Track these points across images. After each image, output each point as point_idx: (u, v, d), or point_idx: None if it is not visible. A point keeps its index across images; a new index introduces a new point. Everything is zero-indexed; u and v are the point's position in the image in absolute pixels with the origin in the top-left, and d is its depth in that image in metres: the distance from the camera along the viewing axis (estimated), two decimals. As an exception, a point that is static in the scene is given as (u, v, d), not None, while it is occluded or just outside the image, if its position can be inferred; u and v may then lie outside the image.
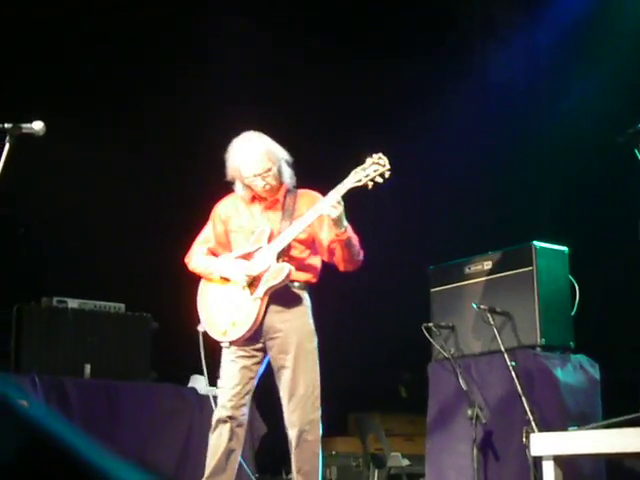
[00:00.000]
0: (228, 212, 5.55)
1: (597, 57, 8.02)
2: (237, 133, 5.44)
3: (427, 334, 6.05)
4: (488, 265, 6.09)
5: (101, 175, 7.70)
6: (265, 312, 5.28)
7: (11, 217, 6.82)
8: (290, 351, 5.28)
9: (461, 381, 5.72)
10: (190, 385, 6.91)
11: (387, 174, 5.27)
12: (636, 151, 4.58)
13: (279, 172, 5.39)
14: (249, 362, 5.34)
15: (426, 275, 6.48)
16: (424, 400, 6.26)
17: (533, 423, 5.08)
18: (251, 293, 5.29)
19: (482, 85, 9.08)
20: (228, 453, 5.28)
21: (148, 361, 6.67)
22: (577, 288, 5.88)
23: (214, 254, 5.55)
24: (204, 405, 6.40)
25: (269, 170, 5.33)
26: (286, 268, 5.26)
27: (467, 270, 6.20)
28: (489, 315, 5.71)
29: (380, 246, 8.96)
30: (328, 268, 7.99)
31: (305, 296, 5.41)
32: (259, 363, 5.37)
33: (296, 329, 5.30)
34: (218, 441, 5.29)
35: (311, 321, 5.40)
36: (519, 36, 9.19)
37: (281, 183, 5.43)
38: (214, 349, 5.47)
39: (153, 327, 6.91)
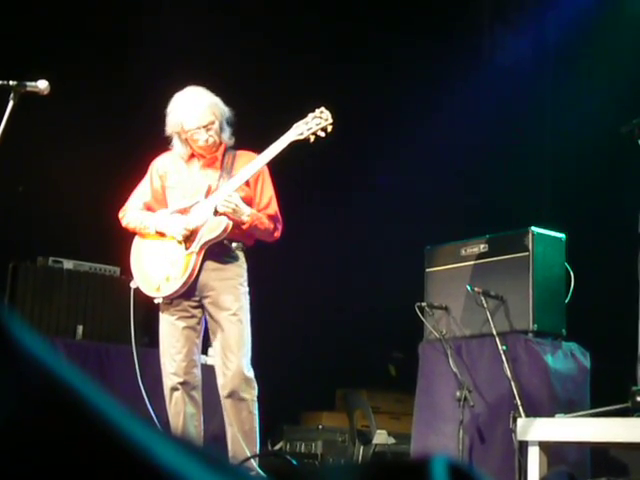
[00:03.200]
0: (166, 167, 5.47)
1: (605, 47, 8.00)
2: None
3: (420, 314, 6.06)
4: (485, 248, 6.09)
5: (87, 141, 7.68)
6: (200, 268, 5.23)
7: (11, 175, 6.80)
8: (224, 309, 5.22)
9: (451, 362, 5.73)
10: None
11: (329, 128, 5.26)
12: (639, 142, 4.58)
13: (220, 128, 5.35)
14: (191, 322, 5.29)
15: (422, 255, 6.48)
16: (413, 379, 6.27)
17: (520, 408, 5.09)
18: (186, 248, 5.23)
19: (487, 68, 9.06)
20: (189, 418, 5.25)
21: (140, 326, 6.67)
22: (572, 276, 5.89)
23: (150, 210, 5.47)
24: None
25: (212, 123, 5.29)
26: (224, 222, 5.19)
27: (463, 252, 6.20)
28: (483, 298, 5.71)
29: (378, 224, 9.00)
30: (328, 242, 7.97)
31: (241, 257, 5.36)
32: (200, 322, 5.33)
33: (231, 288, 5.25)
34: (176, 409, 5.25)
35: (245, 283, 5.35)
36: (528, 20, 9.15)
37: (221, 141, 5.39)
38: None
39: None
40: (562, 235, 5.99)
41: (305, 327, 8.65)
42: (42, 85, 4.52)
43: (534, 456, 4.52)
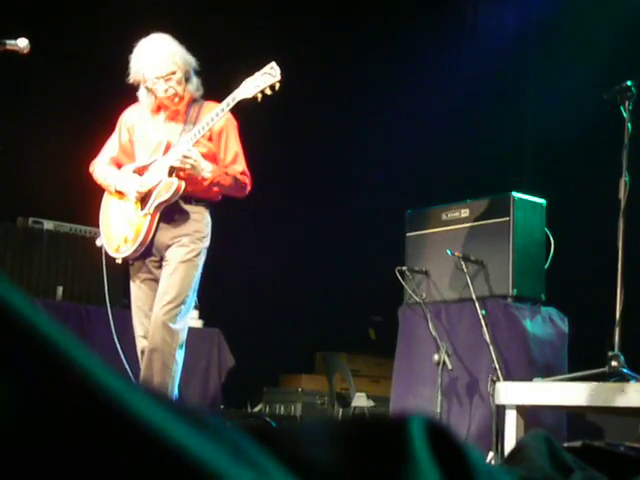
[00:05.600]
0: (134, 120, 5.32)
1: (588, 16, 7.98)
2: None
3: (400, 277, 6.08)
4: (465, 213, 6.10)
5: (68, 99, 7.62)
6: (157, 229, 5.10)
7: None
8: (173, 261, 5.07)
9: (430, 326, 5.75)
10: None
11: (277, 86, 4.97)
12: (621, 108, 4.59)
13: (185, 79, 5.11)
14: (155, 285, 5.15)
15: (403, 219, 6.48)
16: (392, 343, 6.30)
17: (499, 372, 5.12)
18: (141, 209, 5.12)
19: (469, 31, 9.02)
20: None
21: (120, 288, 6.66)
22: (552, 241, 5.91)
23: (119, 164, 5.35)
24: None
25: (173, 74, 5.05)
26: (175, 183, 5.03)
27: (444, 216, 6.21)
28: (463, 262, 5.73)
29: (361, 188, 8.99)
30: (316, 203, 7.90)
31: (203, 214, 5.20)
32: None
33: (186, 245, 5.08)
34: (148, 373, 5.08)
35: (205, 239, 5.18)
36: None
37: (184, 93, 5.15)
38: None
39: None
40: (543, 200, 6.00)
41: (286, 290, 8.66)
42: (22, 44, 4.48)
43: (511, 420, 4.54)
